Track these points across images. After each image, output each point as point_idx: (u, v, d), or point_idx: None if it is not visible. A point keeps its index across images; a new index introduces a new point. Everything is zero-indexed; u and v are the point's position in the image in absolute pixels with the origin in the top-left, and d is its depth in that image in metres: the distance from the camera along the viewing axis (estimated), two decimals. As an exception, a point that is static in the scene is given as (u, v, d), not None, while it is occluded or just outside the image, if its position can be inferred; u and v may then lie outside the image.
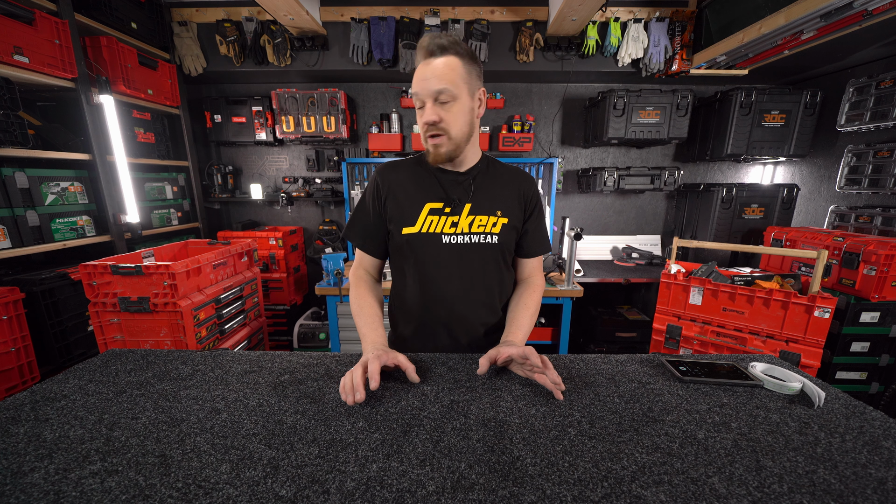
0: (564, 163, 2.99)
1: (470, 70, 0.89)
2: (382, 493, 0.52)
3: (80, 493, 0.52)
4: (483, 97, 0.94)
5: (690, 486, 0.53)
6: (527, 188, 1.02)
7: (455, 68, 0.86)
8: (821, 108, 2.45)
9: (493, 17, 2.43)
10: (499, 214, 0.98)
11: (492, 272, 1.00)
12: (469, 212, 0.97)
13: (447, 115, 0.88)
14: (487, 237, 0.97)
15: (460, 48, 0.88)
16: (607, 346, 2.64)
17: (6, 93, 1.56)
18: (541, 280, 1.10)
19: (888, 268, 1.72)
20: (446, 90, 0.86)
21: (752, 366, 0.85)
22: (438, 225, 0.97)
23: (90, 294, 1.62)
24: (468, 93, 0.89)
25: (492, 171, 1.02)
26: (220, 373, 0.87)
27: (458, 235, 0.97)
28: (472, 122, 0.93)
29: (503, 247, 0.99)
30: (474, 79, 0.90)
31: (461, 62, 0.87)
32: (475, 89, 0.91)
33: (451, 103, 0.88)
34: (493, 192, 1.00)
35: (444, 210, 0.97)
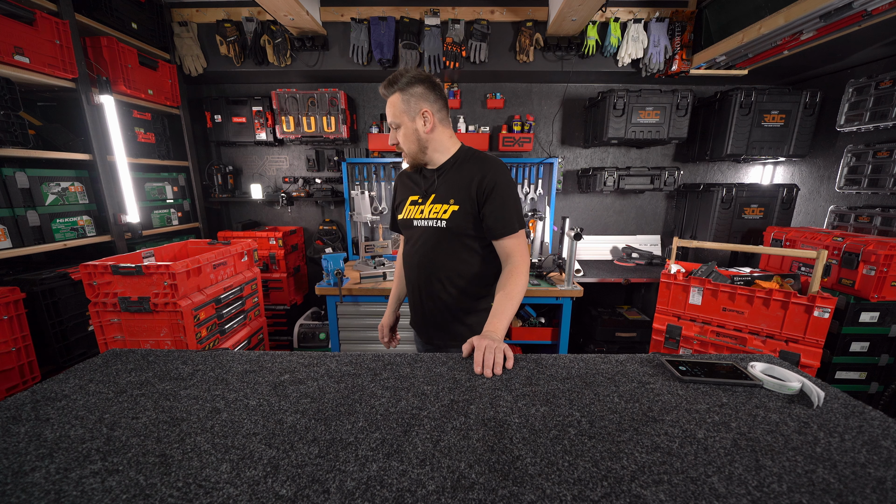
0: (564, 163, 2.99)
1: (407, 100, 1.11)
2: (382, 492, 0.52)
3: (80, 493, 0.52)
4: (429, 115, 1.13)
5: (690, 485, 0.53)
6: (482, 177, 1.13)
7: (395, 104, 1.12)
8: (820, 109, 2.45)
9: (493, 17, 2.43)
10: (451, 203, 1.15)
11: (444, 252, 1.20)
12: (432, 201, 1.19)
13: (400, 139, 1.17)
14: (438, 222, 1.17)
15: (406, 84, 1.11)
16: (607, 346, 2.64)
17: (7, 93, 1.57)
18: (519, 259, 1.14)
19: (888, 268, 1.72)
20: (393, 122, 1.15)
21: (752, 366, 0.85)
22: (413, 212, 1.23)
23: (90, 294, 1.62)
24: (409, 118, 1.13)
25: (458, 166, 1.19)
26: (220, 373, 0.87)
27: (422, 220, 1.21)
28: (420, 139, 1.15)
29: (452, 231, 1.16)
30: (414, 105, 1.12)
31: (399, 96, 1.11)
32: (416, 113, 1.13)
33: (399, 129, 1.15)
34: (453, 184, 1.17)
35: (418, 201, 1.23)
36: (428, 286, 1.24)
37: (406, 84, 1.11)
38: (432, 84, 1.14)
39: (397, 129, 1.16)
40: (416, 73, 1.12)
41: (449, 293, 1.22)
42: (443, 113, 1.18)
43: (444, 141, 1.19)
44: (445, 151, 1.20)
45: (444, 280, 1.22)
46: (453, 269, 1.21)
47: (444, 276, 1.21)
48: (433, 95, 1.14)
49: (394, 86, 1.11)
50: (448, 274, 1.21)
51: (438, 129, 1.17)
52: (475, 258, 1.21)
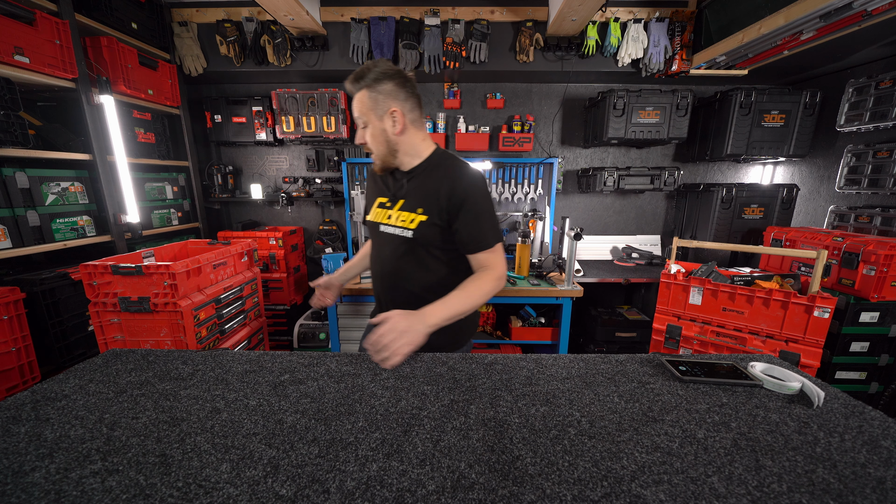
0: (564, 163, 2.99)
1: (375, 97, 1.04)
2: (382, 492, 0.53)
3: (80, 493, 0.52)
4: (398, 115, 1.05)
5: (690, 485, 0.53)
6: (452, 188, 1.05)
7: (362, 101, 1.05)
8: (820, 109, 2.45)
9: (493, 17, 2.43)
10: (419, 212, 1.08)
11: (408, 262, 1.13)
12: (400, 207, 1.13)
13: (368, 139, 1.09)
14: (404, 231, 1.10)
15: (373, 80, 1.03)
16: (607, 346, 2.64)
17: (7, 93, 1.56)
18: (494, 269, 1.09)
19: (887, 268, 1.72)
20: (358, 119, 1.08)
21: (752, 366, 0.86)
22: (381, 215, 1.17)
23: (90, 294, 1.62)
24: (376, 117, 1.05)
25: (429, 172, 1.11)
26: (220, 372, 0.87)
27: (388, 226, 1.14)
28: (389, 140, 1.08)
29: (417, 241, 1.09)
30: (382, 104, 1.04)
31: (366, 93, 1.04)
32: (384, 112, 1.05)
33: (367, 128, 1.08)
34: (422, 191, 1.10)
35: (386, 204, 1.17)
36: (392, 296, 1.18)
37: (374, 80, 1.02)
38: (403, 80, 1.06)
39: (364, 128, 1.08)
40: (386, 67, 1.04)
41: (413, 305, 1.09)
42: (415, 113, 1.09)
43: (416, 144, 1.11)
44: (417, 155, 1.12)
45: (408, 290, 1.15)
46: (419, 279, 1.14)
47: (409, 286, 1.15)
48: (403, 93, 1.06)
49: (360, 81, 1.03)
50: (412, 284, 1.14)
51: (410, 131, 1.09)
52: (442, 268, 1.14)
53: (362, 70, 1.03)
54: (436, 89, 2.84)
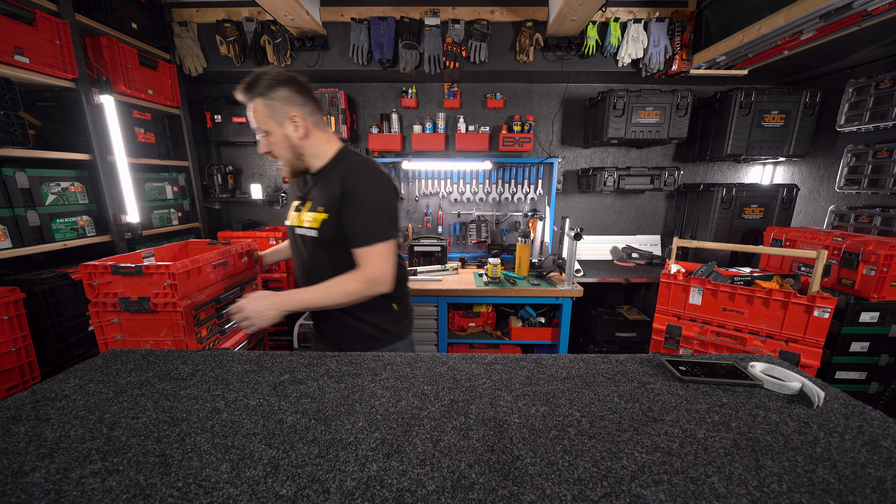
0: (564, 163, 2.99)
1: (271, 104, 1.04)
2: (382, 492, 0.53)
3: (80, 493, 0.52)
4: (299, 120, 1.07)
5: (690, 485, 0.53)
6: (343, 181, 1.06)
7: (257, 110, 1.06)
8: (820, 109, 2.45)
9: (493, 17, 2.43)
10: (320, 210, 1.10)
11: (318, 261, 1.16)
12: (308, 208, 1.14)
13: (271, 146, 1.10)
14: (310, 231, 1.12)
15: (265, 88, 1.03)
16: (607, 346, 2.64)
17: (7, 93, 1.56)
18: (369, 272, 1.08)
19: (888, 268, 1.72)
20: (259, 128, 1.08)
21: (752, 366, 0.86)
22: (294, 218, 1.19)
23: (90, 294, 1.62)
24: (276, 124, 1.06)
25: (331, 171, 1.12)
26: (220, 372, 0.87)
27: (300, 228, 1.16)
28: (293, 145, 1.09)
29: (324, 240, 1.11)
30: (279, 110, 1.05)
31: (261, 101, 1.04)
32: (283, 119, 1.06)
33: (269, 137, 1.08)
34: (324, 190, 1.11)
35: (299, 206, 1.18)
36: None
37: (266, 88, 1.03)
38: (298, 85, 1.07)
39: (266, 136, 1.08)
40: (277, 73, 1.04)
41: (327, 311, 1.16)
42: (315, 116, 1.11)
43: (321, 146, 1.13)
44: (322, 156, 1.13)
45: None
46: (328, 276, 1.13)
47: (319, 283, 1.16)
48: (301, 98, 1.07)
49: (252, 90, 1.03)
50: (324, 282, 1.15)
51: (313, 134, 1.10)
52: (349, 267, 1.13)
53: (253, 78, 1.03)
54: (436, 89, 2.84)
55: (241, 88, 1.05)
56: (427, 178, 2.88)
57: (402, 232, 2.99)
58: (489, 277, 2.35)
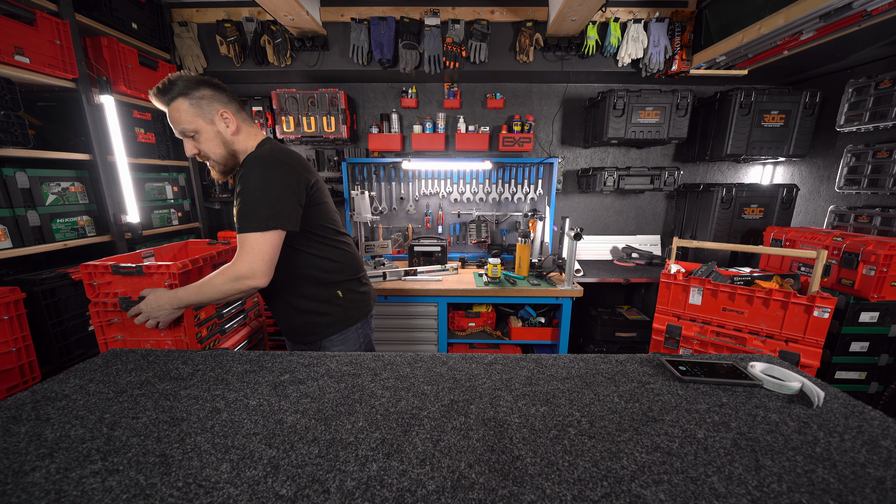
0: (564, 163, 2.99)
1: (197, 103, 1.04)
2: (382, 492, 0.53)
3: (80, 493, 0.52)
4: (228, 114, 1.08)
5: (690, 485, 0.53)
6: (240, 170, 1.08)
7: (182, 109, 1.03)
8: (820, 109, 2.45)
9: (493, 17, 2.43)
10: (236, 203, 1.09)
11: None
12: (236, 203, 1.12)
13: (201, 146, 1.08)
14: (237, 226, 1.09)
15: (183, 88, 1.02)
16: (607, 346, 2.64)
17: (7, 93, 1.56)
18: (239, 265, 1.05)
19: (887, 268, 1.72)
20: (184, 129, 1.05)
21: (752, 365, 0.86)
22: None
23: (91, 294, 1.61)
24: (206, 122, 1.06)
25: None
26: (220, 372, 0.87)
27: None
28: (226, 141, 1.09)
29: None
30: (207, 107, 1.05)
31: (186, 101, 1.03)
32: (213, 114, 1.06)
33: (197, 136, 1.06)
34: None
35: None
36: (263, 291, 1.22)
37: (185, 87, 1.03)
38: (216, 85, 1.08)
39: (194, 138, 1.07)
40: (191, 76, 1.05)
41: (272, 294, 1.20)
42: (242, 114, 1.12)
43: (248, 141, 1.14)
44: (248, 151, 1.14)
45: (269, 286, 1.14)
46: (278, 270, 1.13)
47: None
48: (225, 96, 1.09)
49: (170, 92, 1.02)
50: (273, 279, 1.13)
51: (243, 130, 1.12)
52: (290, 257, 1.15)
53: (167, 82, 1.02)
54: (436, 89, 2.84)
55: (156, 92, 1.03)
56: (427, 178, 2.88)
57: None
58: (489, 277, 2.35)
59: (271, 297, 1.24)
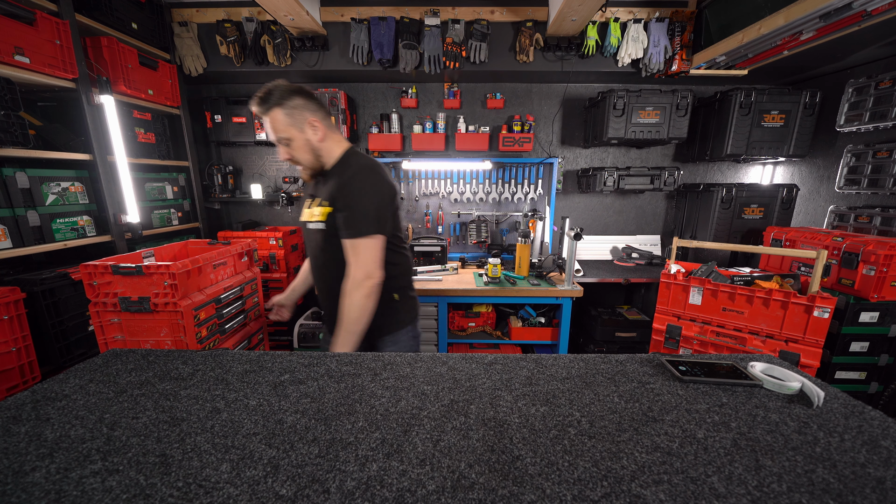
0: (564, 163, 2.99)
1: (290, 113, 1.13)
2: (382, 492, 0.53)
3: (80, 493, 0.52)
4: (317, 123, 1.17)
5: (690, 485, 0.53)
6: (341, 177, 1.18)
7: (278, 119, 1.13)
8: (820, 109, 2.45)
9: (493, 17, 2.43)
10: (325, 204, 1.19)
11: (328, 251, 1.23)
12: (317, 203, 1.23)
13: (293, 152, 1.19)
14: (318, 224, 1.21)
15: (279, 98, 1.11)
16: (607, 346, 2.64)
17: (7, 93, 1.56)
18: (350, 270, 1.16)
19: (887, 268, 1.72)
20: (280, 138, 1.15)
21: (752, 365, 0.86)
22: (306, 214, 1.28)
23: (91, 294, 1.62)
24: (298, 130, 1.15)
25: (337, 169, 1.22)
26: (220, 372, 0.87)
27: (310, 222, 1.26)
28: (313, 148, 1.19)
29: (329, 231, 1.20)
30: (299, 117, 1.14)
31: (281, 111, 1.12)
32: (304, 123, 1.15)
33: (291, 143, 1.16)
34: (329, 186, 1.21)
35: (310, 204, 1.27)
36: (323, 284, 1.31)
37: (281, 98, 1.11)
38: (307, 93, 1.16)
39: (287, 145, 1.17)
40: (287, 84, 1.14)
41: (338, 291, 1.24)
42: (327, 120, 1.21)
43: (334, 147, 1.24)
44: (333, 156, 1.24)
45: (333, 279, 1.23)
46: (335, 268, 1.22)
47: (333, 274, 1.23)
48: (313, 104, 1.17)
49: (268, 101, 1.11)
50: (336, 272, 1.22)
51: (329, 137, 1.21)
52: None
53: (265, 91, 1.11)
54: (436, 89, 2.84)
55: (257, 102, 1.12)
56: (427, 178, 2.88)
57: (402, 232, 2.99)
58: (489, 277, 2.35)
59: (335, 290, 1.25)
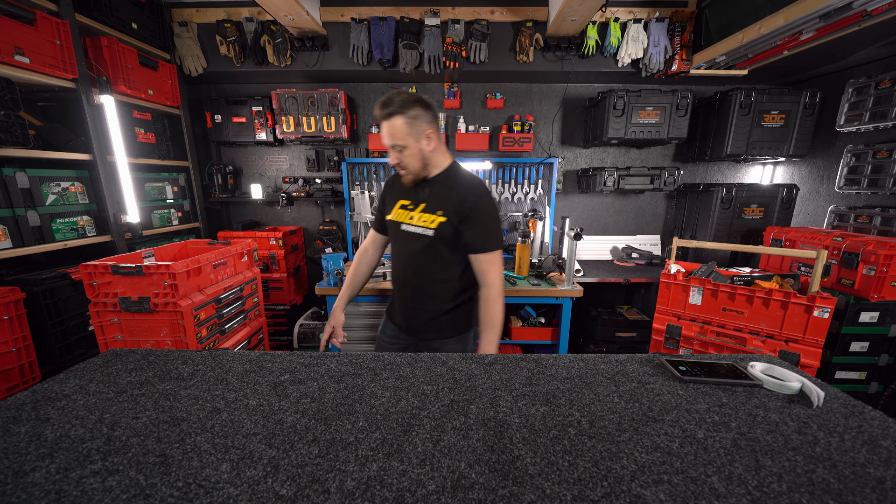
0: (564, 163, 2.99)
1: (412, 122, 1.18)
2: (382, 492, 0.53)
3: (80, 493, 0.52)
4: (432, 135, 1.22)
5: (690, 485, 0.53)
6: (465, 197, 1.24)
7: (397, 126, 1.18)
8: (820, 109, 2.45)
9: (493, 17, 2.43)
10: (439, 214, 1.26)
11: (428, 258, 1.30)
12: (422, 210, 1.30)
13: (403, 159, 1.24)
14: (425, 230, 1.28)
15: (400, 106, 1.16)
16: (607, 346, 2.64)
17: (7, 93, 1.56)
18: (493, 281, 1.28)
19: (887, 268, 1.72)
20: (395, 144, 1.21)
21: (752, 365, 0.86)
22: (403, 216, 1.34)
23: (91, 294, 1.62)
24: (414, 140, 1.20)
25: (447, 182, 1.29)
26: (220, 372, 0.87)
27: (409, 225, 1.32)
28: (424, 157, 1.24)
29: (438, 240, 1.27)
30: (418, 126, 1.19)
31: (402, 119, 1.17)
32: (420, 134, 1.21)
33: (404, 150, 1.21)
34: (442, 197, 1.27)
35: (408, 206, 1.34)
36: (415, 285, 1.36)
37: (402, 105, 1.16)
38: (426, 104, 1.21)
39: (401, 151, 1.22)
40: (408, 94, 1.19)
41: (432, 292, 1.34)
42: (439, 132, 1.26)
43: (440, 157, 1.30)
44: (439, 166, 1.30)
45: (428, 280, 1.33)
46: (437, 271, 1.32)
47: (429, 277, 1.33)
48: (430, 115, 1.22)
49: (390, 107, 1.16)
50: (432, 275, 1.33)
51: (438, 149, 1.27)
52: (455, 263, 1.32)
53: (388, 98, 1.18)
54: (436, 89, 2.84)
55: (379, 106, 1.19)
56: (427, 178, 2.88)
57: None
58: (489, 277, 2.34)
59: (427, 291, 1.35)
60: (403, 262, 1.37)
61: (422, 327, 1.39)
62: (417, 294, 1.36)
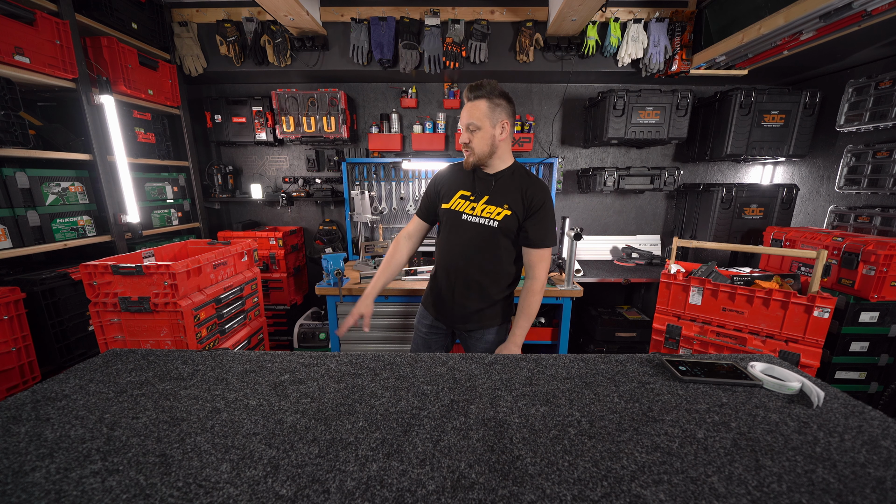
0: (564, 163, 2.99)
1: (494, 108, 1.25)
2: (382, 492, 0.53)
3: (80, 493, 0.52)
4: (506, 126, 1.28)
5: (690, 485, 0.53)
6: (533, 193, 1.30)
7: (480, 108, 1.25)
8: (820, 109, 2.45)
9: (492, 17, 2.43)
10: (505, 207, 1.31)
11: (487, 248, 1.35)
12: (485, 202, 1.33)
13: (473, 139, 1.28)
14: (491, 221, 1.32)
15: (488, 92, 1.24)
16: (607, 346, 2.64)
17: (7, 93, 1.56)
18: (538, 273, 1.35)
19: (887, 268, 1.72)
20: (472, 123, 1.26)
21: (752, 366, 0.86)
22: (463, 206, 1.37)
23: (91, 294, 1.62)
24: (491, 124, 1.26)
25: (513, 177, 1.34)
26: (220, 372, 0.87)
27: (472, 216, 1.35)
28: (494, 144, 1.29)
29: (501, 231, 1.32)
30: (497, 114, 1.26)
31: (486, 103, 1.24)
32: (497, 121, 1.26)
33: (477, 132, 1.27)
34: (507, 191, 1.32)
35: (469, 197, 1.36)
36: (465, 274, 1.39)
37: (490, 93, 1.25)
38: (510, 100, 1.30)
39: (474, 132, 1.27)
40: (499, 88, 1.27)
41: (482, 283, 1.39)
42: (513, 127, 1.33)
43: (506, 152, 1.35)
44: (504, 161, 1.35)
45: (482, 270, 1.38)
46: (491, 262, 1.37)
47: (483, 267, 1.37)
48: (510, 109, 1.29)
49: (479, 90, 1.25)
50: (486, 266, 1.37)
51: (507, 142, 1.33)
52: (510, 257, 1.38)
53: (479, 83, 1.25)
54: (436, 89, 2.84)
55: (468, 88, 1.26)
56: (427, 178, 2.88)
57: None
58: (489, 277, 2.35)
59: (480, 281, 1.38)
60: (459, 251, 1.39)
61: (468, 317, 1.43)
62: (469, 283, 1.39)
